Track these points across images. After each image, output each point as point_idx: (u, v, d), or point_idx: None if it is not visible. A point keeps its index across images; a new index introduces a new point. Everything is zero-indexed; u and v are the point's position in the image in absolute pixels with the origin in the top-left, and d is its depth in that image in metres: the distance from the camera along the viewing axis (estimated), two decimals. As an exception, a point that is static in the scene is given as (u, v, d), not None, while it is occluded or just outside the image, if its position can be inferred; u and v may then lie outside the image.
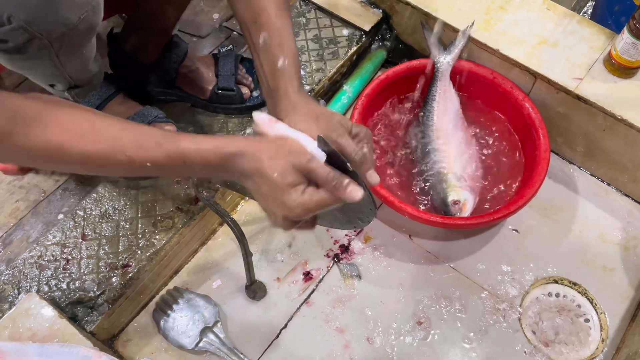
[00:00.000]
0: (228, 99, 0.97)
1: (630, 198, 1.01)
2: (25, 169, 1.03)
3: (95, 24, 0.71)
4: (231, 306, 0.89)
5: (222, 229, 0.96)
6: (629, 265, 0.94)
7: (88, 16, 0.67)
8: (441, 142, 0.97)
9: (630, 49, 0.89)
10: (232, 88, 0.96)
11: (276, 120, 0.61)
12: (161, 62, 0.95)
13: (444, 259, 0.95)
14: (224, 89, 0.97)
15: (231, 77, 0.97)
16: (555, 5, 1.03)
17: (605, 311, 0.90)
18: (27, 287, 0.81)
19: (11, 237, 0.94)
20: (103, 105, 0.88)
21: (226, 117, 1.00)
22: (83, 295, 0.80)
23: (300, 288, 0.91)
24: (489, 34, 0.99)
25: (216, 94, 0.97)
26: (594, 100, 0.92)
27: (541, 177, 0.90)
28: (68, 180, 1.01)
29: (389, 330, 0.88)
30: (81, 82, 0.81)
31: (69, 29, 0.65)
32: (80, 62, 0.77)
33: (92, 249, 0.84)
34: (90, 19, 0.68)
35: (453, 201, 0.92)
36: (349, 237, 0.96)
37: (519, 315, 0.90)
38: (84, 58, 0.77)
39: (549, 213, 0.99)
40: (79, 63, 0.77)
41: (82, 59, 0.76)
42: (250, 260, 0.84)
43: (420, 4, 1.02)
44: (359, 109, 0.97)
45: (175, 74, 0.96)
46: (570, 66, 0.95)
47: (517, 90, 0.98)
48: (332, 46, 1.07)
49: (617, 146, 0.95)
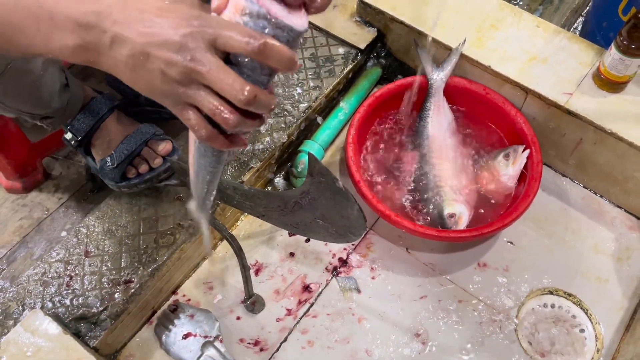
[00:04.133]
0: None
1: (622, 209, 1.03)
2: (29, 187, 1.05)
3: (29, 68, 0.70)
4: (231, 320, 0.90)
5: (222, 244, 0.98)
6: (622, 275, 0.96)
7: (16, 63, 0.67)
8: (436, 157, 1.00)
9: (618, 64, 0.92)
10: None
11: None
12: None
13: (441, 271, 0.96)
14: None
15: None
16: (545, 23, 1.06)
17: (600, 321, 0.91)
18: (31, 303, 0.82)
19: (15, 255, 0.96)
20: (98, 124, 0.88)
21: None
22: (86, 311, 0.82)
23: (299, 301, 0.93)
24: (481, 51, 1.02)
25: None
26: (584, 115, 0.94)
27: (534, 190, 0.92)
28: (71, 197, 1.03)
29: (387, 342, 0.89)
30: (50, 114, 0.82)
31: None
32: (30, 100, 0.77)
33: (95, 266, 0.86)
34: (20, 65, 0.68)
35: (449, 214, 0.94)
36: (347, 251, 0.98)
37: (515, 326, 0.91)
38: (35, 96, 0.77)
39: (543, 225, 1.01)
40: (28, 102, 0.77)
41: (32, 97, 0.76)
42: (248, 274, 0.85)
43: (414, 23, 1.05)
44: (355, 125, 1.00)
45: None
46: (561, 81, 0.98)
47: (510, 105, 1.01)
48: (329, 64, 1.09)
49: (607, 159, 0.97)
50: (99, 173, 0.89)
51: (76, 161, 1.07)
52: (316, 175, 0.60)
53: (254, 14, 0.41)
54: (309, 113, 1.04)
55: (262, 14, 0.41)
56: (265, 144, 0.99)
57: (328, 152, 1.08)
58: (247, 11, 0.41)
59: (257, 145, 0.98)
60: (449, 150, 1.01)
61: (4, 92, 0.73)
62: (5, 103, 0.76)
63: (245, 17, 0.41)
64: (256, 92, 0.41)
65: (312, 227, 0.72)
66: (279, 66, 0.42)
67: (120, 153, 0.86)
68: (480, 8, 1.08)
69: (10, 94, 0.75)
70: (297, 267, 0.96)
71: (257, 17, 0.41)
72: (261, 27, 0.41)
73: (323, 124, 1.07)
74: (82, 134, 0.87)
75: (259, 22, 0.41)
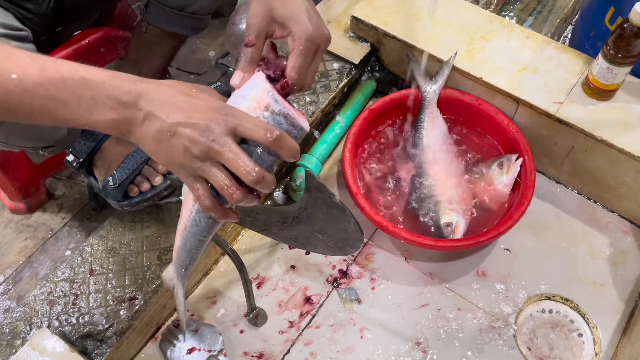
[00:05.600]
0: None
1: (616, 214, 1.05)
2: (33, 207, 1.07)
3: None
4: (235, 334, 0.92)
5: (224, 259, 1.00)
6: (618, 279, 0.98)
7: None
8: (431, 167, 1.02)
9: (606, 73, 0.94)
10: None
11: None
12: None
13: (440, 279, 0.98)
14: None
15: None
16: (534, 34, 1.09)
17: (597, 325, 0.93)
18: (38, 322, 0.84)
19: (21, 275, 0.98)
20: (99, 146, 0.91)
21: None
22: (92, 328, 0.83)
23: (301, 313, 0.94)
24: (472, 63, 1.04)
25: None
26: (575, 123, 0.96)
27: (528, 197, 0.94)
28: (74, 217, 1.05)
29: (388, 351, 0.91)
30: (51, 144, 0.86)
31: None
32: (31, 137, 0.81)
33: (100, 284, 0.88)
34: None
35: (445, 224, 0.96)
36: (347, 262, 1.00)
37: (514, 333, 0.92)
38: (36, 133, 0.81)
39: (538, 231, 1.03)
40: (29, 139, 0.81)
41: (34, 134, 0.80)
42: (250, 288, 0.87)
43: (406, 37, 1.08)
44: (351, 138, 1.02)
45: None
46: (550, 91, 1.00)
47: (502, 115, 1.03)
48: (324, 79, 1.12)
49: (599, 165, 0.99)
50: (102, 193, 0.91)
51: (79, 181, 1.09)
52: (313, 191, 0.62)
53: (275, 111, 0.51)
54: (306, 128, 1.06)
55: (283, 113, 0.51)
56: (264, 160, 1.01)
57: (326, 165, 1.10)
58: (271, 108, 0.51)
59: (255, 160, 1.00)
60: (444, 161, 1.03)
61: (6, 135, 0.77)
62: (8, 142, 0.79)
63: (266, 112, 0.51)
64: (264, 174, 0.49)
65: (311, 240, 0.74)
66: (287, 155, 0.50)
67: (122, 173, 0.88)
68: (470, 21, 1.10)
69: (12, 135, 0.78)
70: (298, 279, 0.98)
71: (277, 114, 0.51)
72: (277, 123, 0.51)
73: (320, 137, 1.09)
74: (84, 155, 0.89)
75: (277, 118, 0.51)
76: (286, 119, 0.51)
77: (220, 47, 1.34)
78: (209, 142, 0.48)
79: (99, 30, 1.00)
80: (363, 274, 0.99)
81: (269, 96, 0.51)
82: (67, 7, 0.89)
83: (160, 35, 0.91)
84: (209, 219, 0.54)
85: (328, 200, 0.61)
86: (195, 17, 0.89)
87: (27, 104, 0.48)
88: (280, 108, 0.51)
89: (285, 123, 0.51)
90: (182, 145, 0.48)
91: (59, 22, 0.96)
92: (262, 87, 0.52)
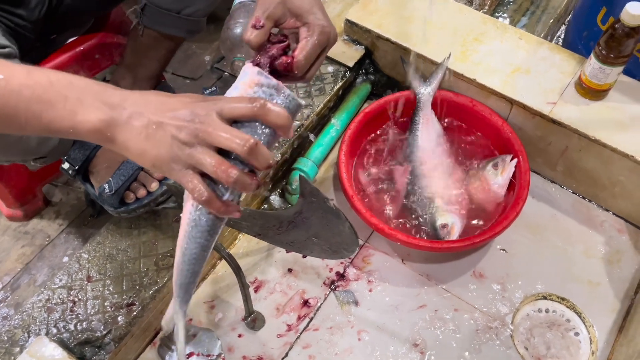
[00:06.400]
0: None
1: (611, 213, 1.05)
2: (30, 214, 1.07)
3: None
4: (233, 338, 0.92)
5: (221, 263, 1.00)
6: (613, 278, 0.98)
7: None
8: (427, 169, 1.02)
9: (598, 73, 0.95)
10: None
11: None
12: None
13: (437, 281, 0.98)
14: None
15: None
16: (527, 35, 1.09)
17: (593, 324, 0.93)
18: (36, 330, 0.84)
19: (19, 282, 0.98)
20: (94, 153, 0.91)
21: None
22: (90, 335, 0.84)
23: (299, 317, 0.95)
24: (466, 65, 1.05)
25: None
26: (568, 123, 0.97)
27: (523, 198, 0.95)
28: (71, 223, 1.05)
29: (386, 353, 0.91)
30: (42, 155, 0.85)
31: None
32: (19, 152, 0.81)
33: (98, 290, 0.88)
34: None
35: (441, 225, 0.96)
36: (344, 265, 1.00)
37: (511, 332, 0.93)
38: (23, 147, 0.80)
39: (534, 231, 1.03)
40: (17, 154, 0.81)
41: (20, 149, 0.80)
42: (247, 292, 0.87)
43: (399, 40, 1.08)
44: (346, 141, 1.02)
45: None
46: (544, 91, 1.01)
47: (496, 116, 1.04)
48: (319, 83, 1.12)
49: (593, 165, 1.00)
50: (98, 199, 0.91)
51: (75, 187, 1.09)
52: (307, 195, 0.62)
53: (264, 84, 0.50)
54: (302, 131, 1.07)
55: (273, 85, 0.50)
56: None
57: (322, 168, 1.10)
58: (261, 83, 0.50)
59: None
60: (439, 162, 1.03)
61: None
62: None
63: (256, 87, 0.50)
64: (257, 142, 0.47)
65: (307, 244, 0.74)
66: (277, 122, 0.48)
67: (117, 179, 0.88)
68: (464, 23, 1.11)
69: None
70: (296, 282, 0.98)
71: (267, 87, 0.50)
72: (269, 95, 0.50)
73: (316, 141, 1.10)
74: (79, 163, 0.89)
75: (268, 91, 0.50)
76: (277, 90, 0.50)
77: (216, 52, 1.34)
78: (196, 124, 0.47)
79: (94, 36, 1.01)
80: (360, 276, 0.99)
81: (259, 74, 0.50)
82: (61, 14, 0.90)
83: (157, 39, 0.92)
84: (209, 214, 0.51)
85: (322, 204, 0.61)
86: (191, 20, 0.90)
87: (11, 106, 0.48)
88: (269, 81, 0.50)
89: (276, 95, 0.50)
90: (169, 135, 0.47)
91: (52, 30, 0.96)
92: (251, 71, 0.51)
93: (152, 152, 0.48)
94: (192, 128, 0.47)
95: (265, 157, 0.48)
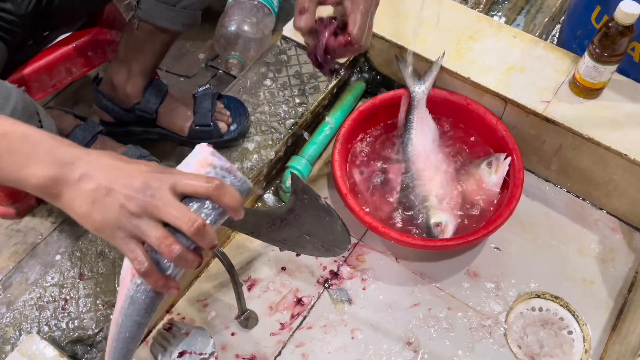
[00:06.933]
0: (206, 134, 1.02)
1: (604, 211, 1.05)
2: (23, 212, 1.07)
3: None
4: (226, 336, 0.92)
5: (214, 262, 1.00)
6: (607, 277, 0.98)
7: None
8: (421, 167, 1.02)
9: (592, 71, 0.95)
10: (208, 124, 1.01)
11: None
12: (142, 103, 0.99)
13: (430, 279, 0.98)
14: (201, 125, 1.01)
15: (207, 114, 1.01)
16: (521, 33, 1.09)
17: (587, 323, 0.93)
18: (28, 328, 0.83)
19: (10, 280, 0.97)
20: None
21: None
22: (82, 333, 0.83)
23: (292, 315, 0.94)
24: (460, 63, 1.05)
25: (194, 131, 1.02)
26: (562, 122, 0.97)
27: (516, 196, 0.95)
28: (64, 221, 1.04)
29: (379, 352, 0.91)
30: None
31: None
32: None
33: (90, 288, 0.87)
34: None
35: (435, 223, 0.96)
36: (338, 263, 1.00)
37: (505, 331, 0.93)
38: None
39: (528, 230, 1.03)
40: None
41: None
42: (240, 291, 0.87)
43: (394, 38, 1.08)
44: (340, 139, 1.02)
45: (156, 114, 1.01)
46: (538, 90, 1.01)
47: (490, 114, 1.04)
48: (313, 81, 1.12)
49: (587, 163, 1.00)
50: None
51: (68, 185, 1.09)
52: (300, 193, 0.62)
53: (218, 166, 0.50)
54: (296, 129, 1.06)
55: (226, 167, 0.50)
56: (254, 161, 1.01)
57: (316, 166, 1.10)
58: (214, 164, 0.50)
59: (245, 162, 1.00)
60: (434, 161, 1.03)
61: None
62: None
63: (209, 168, 0.50)
64: (205, 223, 0.46)
65: (299, 242, 0.74)
66: (230, 202, 0.48)
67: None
68: (458, 21, 1.11)
69: None
70: (289, 281, 0.98)
71: (220, 169, 0.50)
72: (222, 177, 0.50)
73: (310, 139, 1.09)
74: None
75: (221, 173, 0.50)
76: (230, 173, 0.50)
77: (210, 49, 1.34)
78: (146, 197, 0.46)
79: (87, 33, 1.00)
80: (354, 274, 0.99)
81: (212, 155, 0.50)
82: (53, 11, 0.89)
83: (152, 32, 0.92)
84: (148, 292, 0.50)
85: (314, 202, 0.61)
86: (187, 13, 0.90)
87: None
88: (223, 163, 0.50)
89: (229, 176, 0.50)
90: (117, 203, 0.46)
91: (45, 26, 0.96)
92: (204, 150, 0.51)
93: (97, 217, 0.47)
94: (142, 200, 0.46)
95: (211, 238, 0.47)
